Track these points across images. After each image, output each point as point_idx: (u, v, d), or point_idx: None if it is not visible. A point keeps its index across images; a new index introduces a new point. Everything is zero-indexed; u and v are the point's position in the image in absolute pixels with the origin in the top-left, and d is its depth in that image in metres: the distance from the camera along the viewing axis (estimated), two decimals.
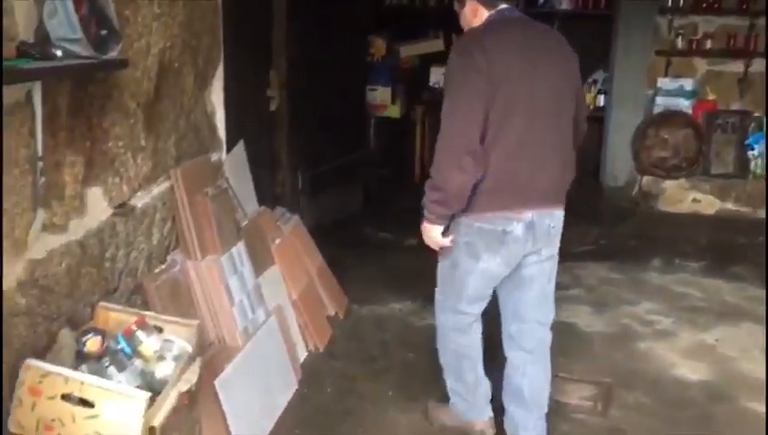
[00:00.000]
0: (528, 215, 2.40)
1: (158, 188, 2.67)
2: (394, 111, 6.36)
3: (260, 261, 3.26)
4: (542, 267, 2.58)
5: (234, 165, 3.39)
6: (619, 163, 6.27)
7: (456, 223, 2.48)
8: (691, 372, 3.38)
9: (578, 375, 3.32)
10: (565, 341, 3.69)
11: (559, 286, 4.26)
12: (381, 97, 6.27)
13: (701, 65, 6.10)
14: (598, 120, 6.50)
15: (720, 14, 5.96)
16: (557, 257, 2.63)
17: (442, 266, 2.65)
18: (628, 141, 6.18)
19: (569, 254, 4.92)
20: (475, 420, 2.80)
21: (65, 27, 1.73)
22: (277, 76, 4.20)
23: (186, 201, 2.76)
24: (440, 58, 6.66)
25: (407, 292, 4.21)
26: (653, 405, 3.10)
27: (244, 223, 3.28)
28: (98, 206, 2.25)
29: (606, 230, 5.46)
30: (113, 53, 1.91)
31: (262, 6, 4.07)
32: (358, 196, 5.64)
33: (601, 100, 6.49)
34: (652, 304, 4.12)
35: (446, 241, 2.49)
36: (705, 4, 5.95)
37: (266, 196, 3.93)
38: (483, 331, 2.74)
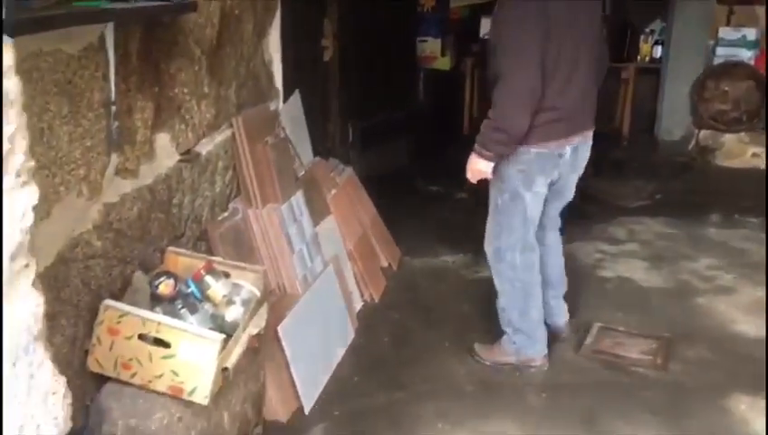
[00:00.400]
0: (575, 140, 2.70)
1: (220, 136, 2.68)
2: (444, 63, 6.25)
3: (317, 211, 3.27)
4: (570, 185, 2.89)
5: (290, 115, 3.38)
6: (675, 117, 6.09)
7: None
8: (753, 328, 3.30)
9: (636, 330, 3.28)
10: (622, 295, 3.65)
11: (614, 241, 4.30)
12: (431, 49, 6.16)
13: (764, 14, 5.84)
14: (653, 71, 6.32)
15: None
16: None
17: (502, 204, 2.78)
18: (685, 94, 5.99)
19: (624, 209, 4.87)
20: (535, 356, 2.95)
21: None
22: (331, 25, 4.15)
23: (247, 149, 2.77)
24: (490, 9, 6.51)
25: (458, 245, 4.19)
26: (714, 360, 3.04)
27: (301, 173, 3.28)
28: (166, 152, 2.27)
29: (661, 185, 5.34)
30: None
31: None
32: (408, 148, 5.59)
33: (658, 51, 6.29)
34: (711, 260, 4.03)
35: (490, 174, 2.67)
36: None
37: (317, 147, 3.92)
38: None
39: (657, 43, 6.31)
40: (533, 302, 2.89)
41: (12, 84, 0.95)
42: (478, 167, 2.64)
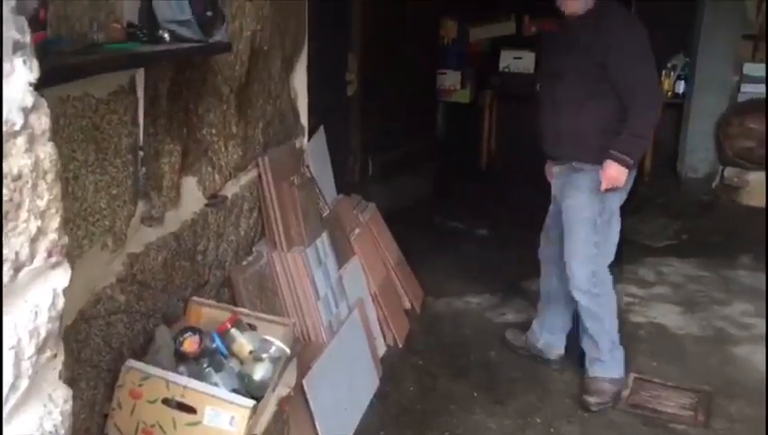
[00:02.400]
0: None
1: (246, 177, 2.56)
2: (463, 96, 6.16)
3: (341, 252, 3.15)
4: None
5: (315, 152, 3.27)
6: (699, 153, 5.96)
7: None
8: None
9: (673, 381, 3.13)
10: (655, 343, 3.50)
11: (643, 283, 4.16)
12: (450, 81, 6.07)
13: None
14: (676, 107, 6.20)
15: None
16: None
17: (600, 223, 2.84)
18: (709, 130, 5.86)
19: (650, 248, 4.73)
20: (620, 377, 3.01)
21: (174, 8, 1.61)
22: (356, 59, 4.06)
23: (273, 191, 2.65)
24: (510, 41, 6.43)
25: (482, 284, 4.07)
26: (758, 417, 2.88)
27: (326, 213, 3.16)
28: (192, 196, 2.15)
29: (687, 224, 5.19)
30: (218, 36, 1.79)
31: None
32: (427, 182, 5.48)
33: (681, 86, 6.17)
34: (746, 305, 3.88)
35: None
36: None
37: (338, 180, 3.80)
38: None
39: (679, 78, 6.20)
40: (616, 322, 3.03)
41: (47, 151, 0.83)
42: (622, 177, 2.72)
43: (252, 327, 2.14)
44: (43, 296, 0.85)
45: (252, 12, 2.42)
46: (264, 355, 1.98)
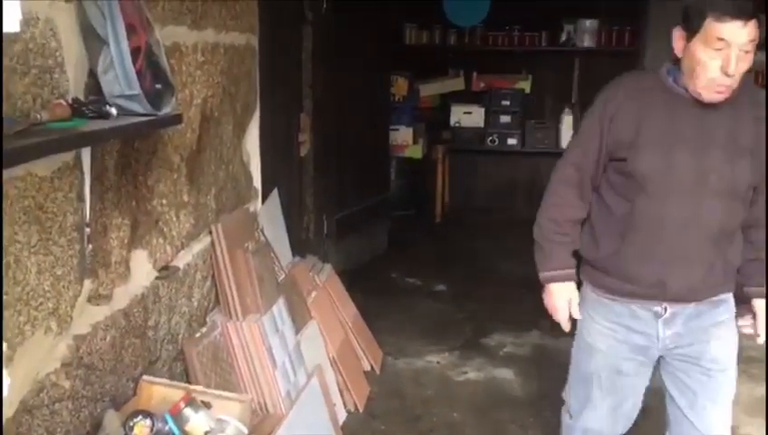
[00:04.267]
0: None
1: (198, 245, 2.49)
2: (416, 152, 6.22)
3: (298, 317, 3.08)
4: None
5: (269, 215, 3.22)
6: None
7: None
8: (758, 431, 3.16)
9: None
10: None
11: None
12: (403, 137, 6.13)
13: None
14: None
15: None
16: None
17: None
18: None
19: None
20: None
21: (122, 83, 1.57)
22: (308, 120, 4.05)
23: (227, 259, 2.58)
24: (460, 97, 6.56)
25: (442, 342, 4.02)
26: None
27: (282, 277, 3.10)
28: (142, 270, 2.07)
29: None
30: (168, 108, 1.74)
31: (292, 49, 3.93)
32: (382, 238, 5.47)
33: None
34: None
35: None
36: None
37: (293, 240, 3.75)
38: None
39: None
40: None
41: None
42: None
43: (207, 405, 2.04)
44: None
45: (202, 79, 2.40)
46: None
